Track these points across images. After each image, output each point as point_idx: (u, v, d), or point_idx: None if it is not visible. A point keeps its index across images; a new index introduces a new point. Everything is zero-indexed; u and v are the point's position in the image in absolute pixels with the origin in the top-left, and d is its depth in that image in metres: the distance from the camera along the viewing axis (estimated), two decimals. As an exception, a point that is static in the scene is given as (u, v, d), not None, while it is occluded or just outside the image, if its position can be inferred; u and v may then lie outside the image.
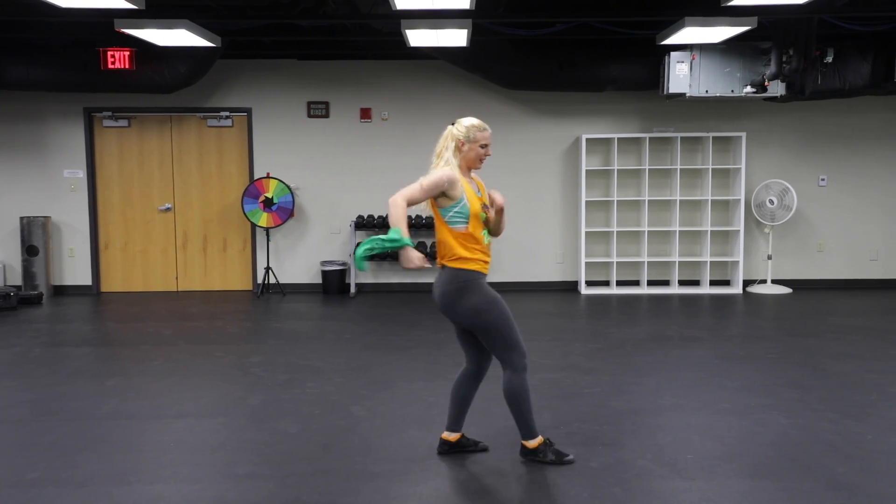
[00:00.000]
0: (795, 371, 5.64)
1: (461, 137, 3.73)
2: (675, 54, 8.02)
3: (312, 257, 9.41)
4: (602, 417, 4.63)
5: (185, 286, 9.52)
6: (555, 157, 9.36)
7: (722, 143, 9.25)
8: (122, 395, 5.15)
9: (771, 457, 3.99)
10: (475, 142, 3.74)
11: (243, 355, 6.27)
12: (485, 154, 3.79)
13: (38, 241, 9.00)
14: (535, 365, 5.81)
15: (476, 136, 3.74)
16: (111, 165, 9.33)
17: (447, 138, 3.77)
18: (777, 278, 9.40)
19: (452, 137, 3.75)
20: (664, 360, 6.01)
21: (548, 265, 9.50)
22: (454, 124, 3.78)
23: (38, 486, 3.69)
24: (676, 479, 3.73)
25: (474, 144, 3.74)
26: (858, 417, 4.59)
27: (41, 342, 6.82)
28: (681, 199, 9.21)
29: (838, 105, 9.10)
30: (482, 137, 3.75)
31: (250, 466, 3.92)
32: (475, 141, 3.74)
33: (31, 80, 8.30)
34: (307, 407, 4.87)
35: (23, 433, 4.46)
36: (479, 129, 3.75)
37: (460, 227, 3.70)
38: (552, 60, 8.37)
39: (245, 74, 9.19)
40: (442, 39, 7.05)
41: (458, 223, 3.69)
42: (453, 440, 4.05)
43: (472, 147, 3.74)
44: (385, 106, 9.21)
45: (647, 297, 8.91)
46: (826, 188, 9.39)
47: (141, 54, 8.07)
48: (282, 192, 9.02)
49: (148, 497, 3.57)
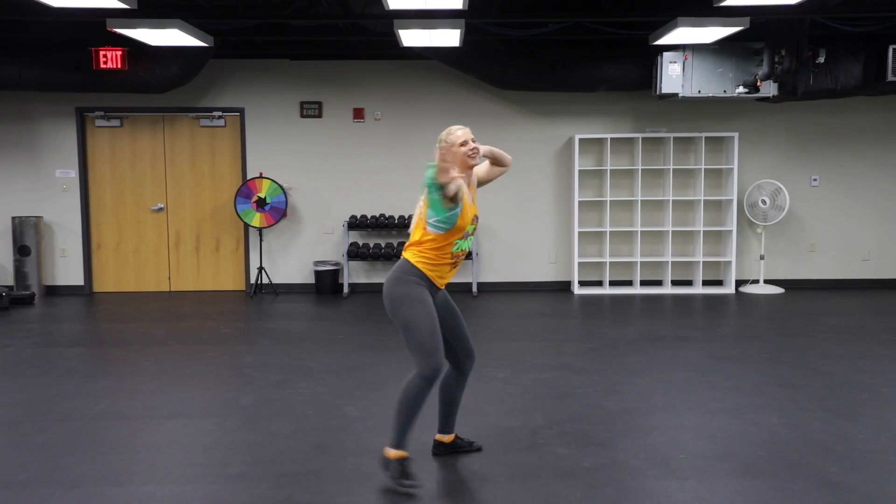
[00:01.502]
0: (787, 371, 5.66)
1: (443, 148, 3.82)
2: (667, 54, 8.04)
3: (305, 257, 9.40)
4: (595, 417, 4.63)
5: (178, 286, 9.50)
6: (548, 158, 9.37)
7: (714, 144, 9.27)
8: (115, 396, 5.13)
9: (763, 456, 4.01)
10: (452, 145, 3.80)
11: (236, 355, 6.26)
12: (469, 150, 3.82)
13: (30, 241, 8.97)
14: (528, 365, 5.82)
15: (451, 140, 3.81)
16: (103, 165, 9.31)
17: (437, 153, 3.84)
18: (769, 278, 9.42)
19: (438, 151, 3.83)
20: (657, 360, 6.02)
21: (541, 265, 9.51)
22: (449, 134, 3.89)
23: (30, 487, 3.67)
24: (669, 478, 3.74)
25: (453, 147, 3.80)
26: (850, 417, 4.61)
27: (33, 342, 6.80)
28: (674, 200, 9.23)
29: (830, 105, 9.14)
30: (456, 138, 3.81)
31: (243, 467, 3.91)
32: (452, 144, 3.80)
33: (23, 80, 8.26)
34: (300, 407, 4.86)
35: (14, 434, 4.44)
36: (452, 133, 3.82)
37: (439, 232, 3.71)
38: (545, 61, 8.38)
39: (238, 74, 9.18)
40: (435, 39, 7.05)
41: (440, 228, 3.70)
42: (447, 441, 4.06)
43: (453, 152, 3.80)
44: (378, 106, 9.20)
45: (640, 297, 8.92)
46: (818, 188, 9.42)
47: (133, 54, 8.05)
48: (275, 192, 9.01)
49: (140, 497, 3.56)
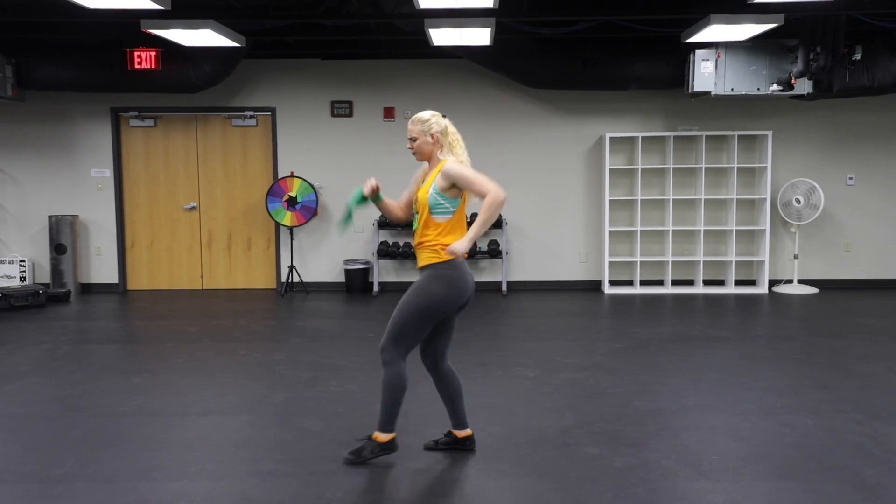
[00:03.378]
0: (822, 372, 5.58)
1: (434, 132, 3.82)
2: (699, 52, 7.96)
3: (336, 256, 9.44)
4: (625, 417, 4.60)
5: (210, 284, 9.59)
6: (578, 156, 9.32)
7: (747, 142, 9.17)
8: (148, 392, 5.20)
9: (797, 458, 3.95)
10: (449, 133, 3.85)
11: (267, 353, 6.30)
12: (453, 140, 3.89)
13: (66, 240, 9.11)
14: (558, 364, 5.80)
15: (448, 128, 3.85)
16: (137, 165, 9.42)
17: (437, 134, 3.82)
18: (803, 278, 9.30)
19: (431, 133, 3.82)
20: (688, 361, 5.97)
21: (571, 264, 9.46)
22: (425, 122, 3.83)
23: (67, 482, 3.73)
24: (701, 479, 3.71)
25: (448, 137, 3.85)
26: (886, 419, 4.53)
27: (69, 339, 6.90)
28: (706, 198, 9.13)
29: (866, 103, 8.98)
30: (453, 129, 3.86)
31: (274, 464, 3.94)
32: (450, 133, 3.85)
33: (59, 81, 8.41)
34: (330, 405, 4.89)
35: (51, 429, 4.52)
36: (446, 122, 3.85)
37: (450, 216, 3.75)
38: (576, 59, 8.34)
39: (269, 74, 9.24)
40: (465, 38, 7.04)
41: (450, 213, 3.75)
42: (461, 437, 4.06)
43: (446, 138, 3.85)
44: (408, 105, 9.21)
45: (672, 297, 8.85)
46: (854, 187, 9.28)
47: (167, 54, 8.14)
48: (305, 191, 9.06)
49: (173, 493, 3.60)
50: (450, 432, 4.07)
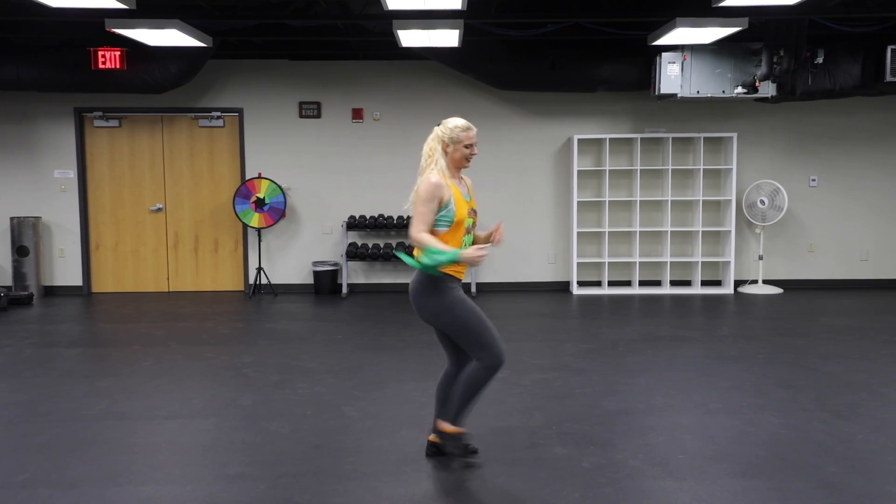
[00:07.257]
0: (786, 371, 5.67)
1: (445, 139, 3.72)
2: (666, 55, 8.04)
3: (304, 258, 9.39)
4: (593, 417, 4.63)
5: (177, 287, 9.49)
6: (546, 158, 9.37)
7: (713, 144, 9.28)
8: (114, 396, 5.13)
9: (762, 456, 4.01)
10: (459, 142, 3.72)
11: (235, 356, 6.25)
12: (470, 154, 3.76)
13: (28, 242, 8.97)
14: (527, 365, 5.82)
15: (460, 137, 3.71)
16: (102, 166, 9.30)
17: (433, 140, 3.77)
18: (768, 278, 9.43)
19: (438, 139, 3.75)
20: (655, 360, 6.02)
21: (539, 265, 9.51)
22: (440, 125, 3.77)
23: (29, 488, 3.67)
24: (668, 479, 3.74)
25: (458, 145, 3.72)
26: (849, 417, 4.61)
27: (32, 343, 6.79)
28: (672, 200, 9.23)
29: (829, 106, 9.14)
30: (466, 137, 3.72)
31: (242, 467, 3.91)
32: (459, 141, 3.72)
33: (22, 80, 8.26)
34: (299, 407, 4.86)
35: (13, 434, 4.44)
36: (463, 130, 3.72)
37: (441, 229, 3.69)
38: (544, 61, 8.38)
39: (236, 74, 9.17)
40: (434, 40, 7.05)
41: (441, 226, 3.69)
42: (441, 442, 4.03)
43: (456, 148, 3.73)
44: (377, 106, 9.20)
45: (639, 298, 8.93)
46: (817, 188, 9.43)
47: (132, 54, 8.05)
48: (273, 192, 9.01)
49: (139, 498, 3.56)
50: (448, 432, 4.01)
